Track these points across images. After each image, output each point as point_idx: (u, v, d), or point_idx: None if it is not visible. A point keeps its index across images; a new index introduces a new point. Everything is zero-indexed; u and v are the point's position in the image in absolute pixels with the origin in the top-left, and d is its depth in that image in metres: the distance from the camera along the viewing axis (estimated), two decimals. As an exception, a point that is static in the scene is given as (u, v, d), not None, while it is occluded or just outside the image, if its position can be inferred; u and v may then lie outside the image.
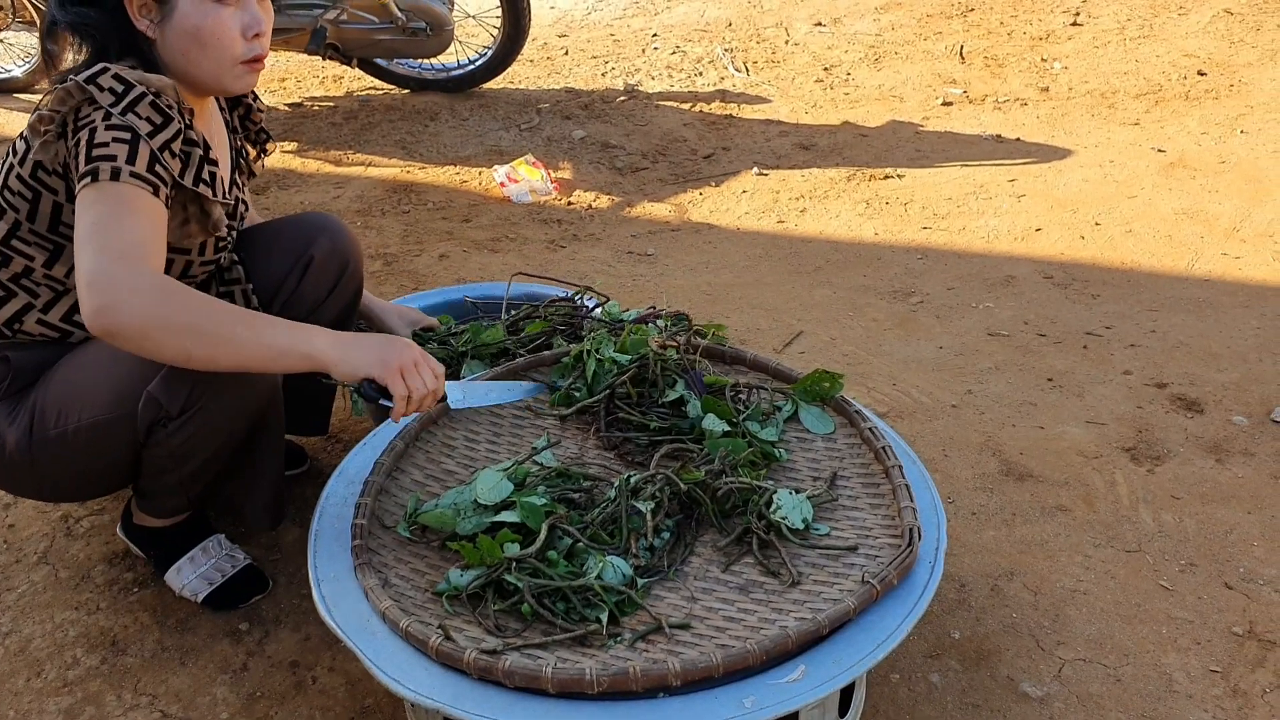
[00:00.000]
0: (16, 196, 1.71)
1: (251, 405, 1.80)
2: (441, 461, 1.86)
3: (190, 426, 1.74)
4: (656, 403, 1.92)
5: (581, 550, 1.61)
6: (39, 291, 1.77)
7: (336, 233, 2.08)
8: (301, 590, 2.04)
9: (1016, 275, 3.33)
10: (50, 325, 1.78)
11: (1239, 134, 4.30)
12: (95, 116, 1.60)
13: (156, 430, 1.75)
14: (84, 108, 1.61)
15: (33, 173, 1.69)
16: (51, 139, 1.63)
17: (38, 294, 1.77)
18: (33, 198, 1.70)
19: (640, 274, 3.37)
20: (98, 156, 1.56)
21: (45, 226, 1.72)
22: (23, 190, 1.70)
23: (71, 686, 1.86)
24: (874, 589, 1.49)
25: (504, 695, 1.39)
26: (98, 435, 1.74)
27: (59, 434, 1.74)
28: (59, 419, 1.74)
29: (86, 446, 1.76)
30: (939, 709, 1.80)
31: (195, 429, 1.75)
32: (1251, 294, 3.18)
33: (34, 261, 1.74)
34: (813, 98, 4.81)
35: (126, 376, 1.71)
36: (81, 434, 1.74)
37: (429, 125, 4.49)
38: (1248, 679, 1.86)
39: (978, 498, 2.31)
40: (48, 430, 1.75)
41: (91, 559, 2.13)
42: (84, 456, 1.78)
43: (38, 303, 1.77)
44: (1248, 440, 2.50)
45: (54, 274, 1.75)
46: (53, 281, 1.76)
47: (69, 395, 1.74)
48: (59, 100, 1.61)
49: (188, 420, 1.73)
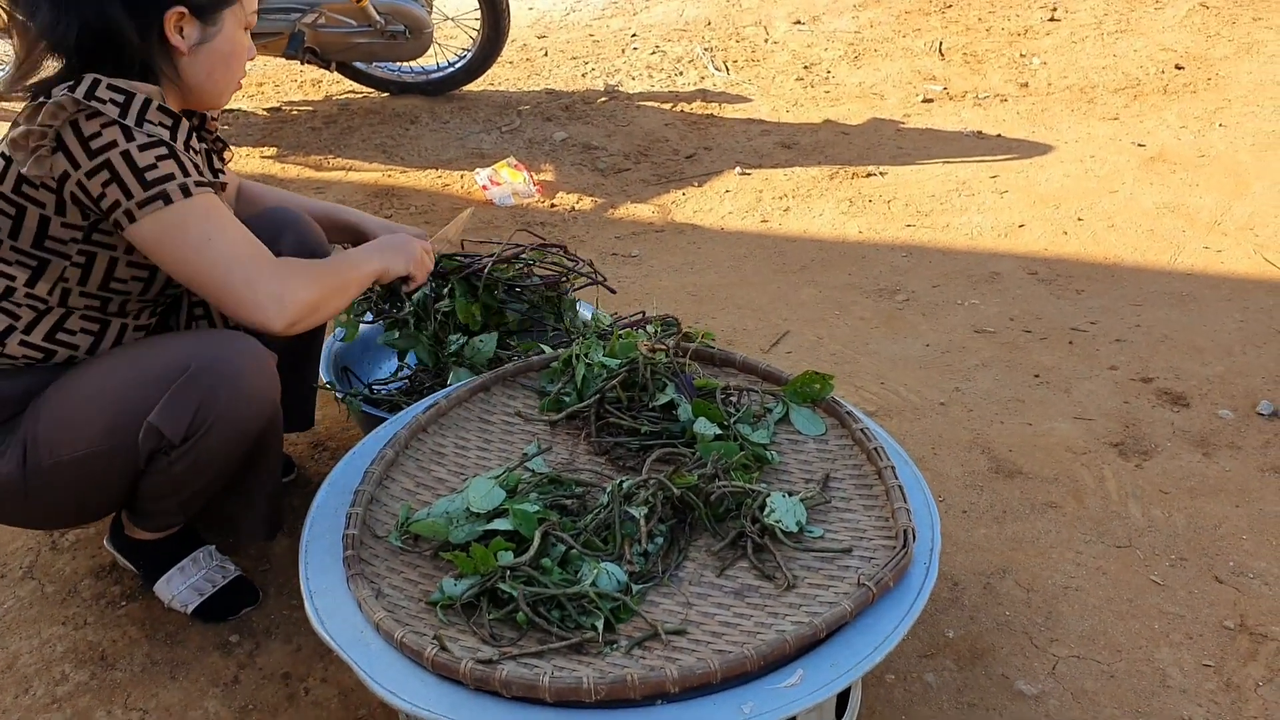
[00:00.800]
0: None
1: (255, 426, 1.78)
2: (432, 469, 1.85)
3: (194, 454, 1.73)
4: (647, 407, 1.91)
5: (575, 557, 1.60)
6: (20, 313, 1.73)
7: (300, 227, 2.07)
8: (292, 601, 2.02)
9: (1001, 271, 3.34)
10: (34, 346, 1.75)
11: (1218, 127, 4.32)
12: (113, 134, 1.60)
13: (158, 459, 1.73)
14: (85, 120, 1.59)
15: (16, 188, 1.66)
16: (46, 154, 1.61)
17: (19, 315, 1.73)
18: (16, 214, 1.68)
19: (625, 275, 3.36)
20: (155, 180, 1.61)
21: (29, 242, 1.69)
22: (4, 207, 1.68)
23: (60, 703, 1.84)
24: (870, 591, 1.49)
25: (501, 705, 1.38)
26: (94, 466, 1.72)
27: (53, 464, 1.71)
28: (54, 449, 1.71)
29: (83, 476, 1.73)
30: (935, 709, 1.80)
31: (198, 455, 1.73)
32: (1234, 287, 3.20)
33: (15, 281, 1.71)
34: (793, 96, 4.82)
35: (122, 406, 1.69)
36: (78, 464, 1.71)
37: (409, 129, 4.47)
38: (1240, 672, 1.86)
39: (968, 496, 2.31)
40: (41, 462, 1.71)
41: (78, 573, 2.11)
42: (79, 487, 1.75)
43: (19, 324, 1.73)
44: (1234, 434, 2.51)
45: (36, 292, 1.72)
46: (34, 300, 1.73)
47: (62, 426, 1.70)
48: (50, 115, 1.59)
49: (191, 448, 1.72)
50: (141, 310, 1.84)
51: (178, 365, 1.70)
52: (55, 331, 1.76)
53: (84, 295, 1.75)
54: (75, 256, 1.71)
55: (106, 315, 1.79)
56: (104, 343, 1.80)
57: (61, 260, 1.71)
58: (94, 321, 1.78)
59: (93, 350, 1.79)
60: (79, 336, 1.77)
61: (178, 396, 1.68)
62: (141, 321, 1.85)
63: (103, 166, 1.60)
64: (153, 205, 1.61)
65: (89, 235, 1.70)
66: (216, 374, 1.70)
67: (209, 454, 1.74)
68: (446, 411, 1.97)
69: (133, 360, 1.75)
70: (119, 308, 1.80)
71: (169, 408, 1.68)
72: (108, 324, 1.80)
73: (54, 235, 1.69)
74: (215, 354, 1.72)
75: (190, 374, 1.69)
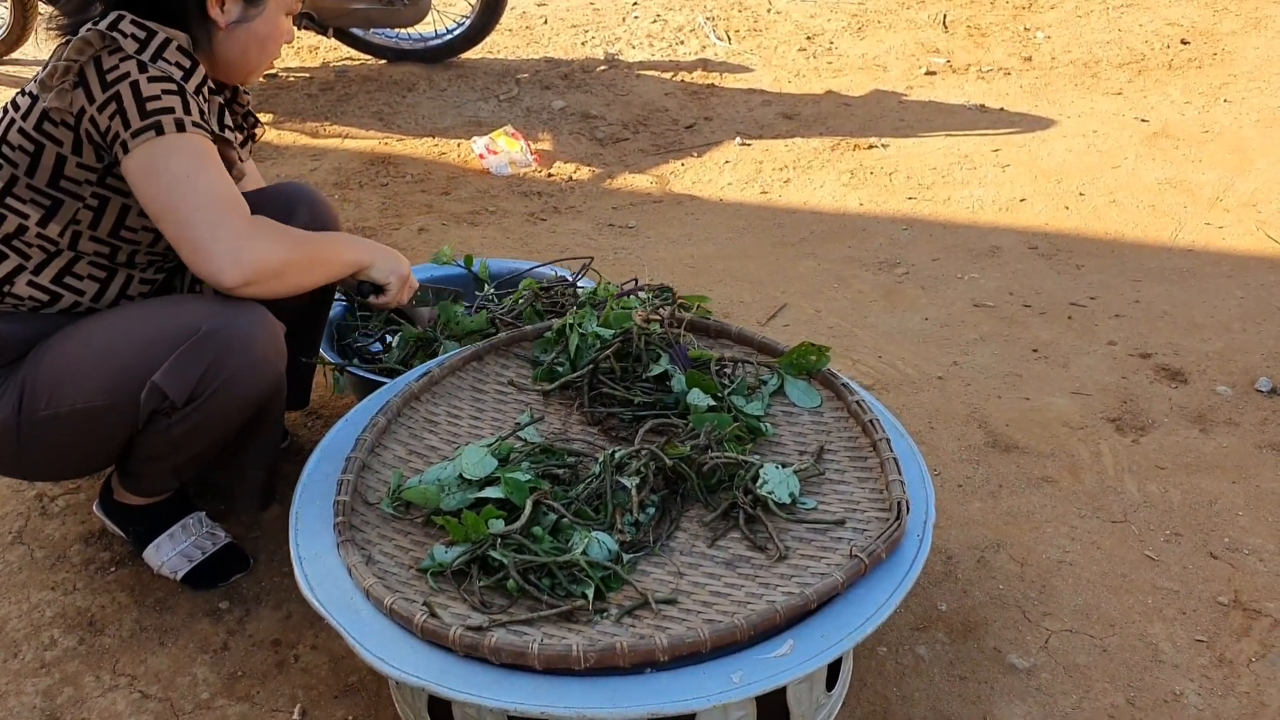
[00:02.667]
0: (16, 151, 1.69)
1: (259, 394, 1.77)
2: (424, 437, 1.84)
3: (195, 417, 1.71)
4: (640, 378, 1.89)
5: (566, 526, 1.59)
6: (30, 253, 1.73)
7: (314, 202, 2.06)
8: (283, 568, 2.02)
9: (1001, 246, 3.31)
10: (41, 288, 1.74)
11: (1222, 103, 4.29)
12: (128, 67, 1.61)
13: (158, 419, 1.71)
14: (106, 56, 1.61)
15: (38, 124, 1.67)
16: (68, 88, 1.62)
17: (29, 255, 1.73)
18: (34, 150, 1.68)
19: (622, 247, 3.34)
20: (154, 110, 1.59)
21: (45, 180, 1.69)
22: (24, 144, 1.68)
23: (49, 667, 1.84)
24: (862, 563, 1.48)
25: (490, 672, 1.38)
26: (91, 420, 1.70)
27: (50, 415, 1.70)
28: (50, 400, 1.69)
29: (78, 430, 1.72)
30: (926, 681, 1.79)
31: (199, 419, 1.72)
32: (1235, 264, 3.18)
33: (28, 220, 1.71)
34: (795, 66, 4.78)
35: (126, 362, 1.67)
36: (74, 417, 1.70)
37: (407, 96, 4.43)
38: (1233, 648, 1.86)
39: (964, 470, 2.30)
40: (38, 410, 1.70)
41: (67, 538, 2.10)
42: (73, 439, 1.74)
43: (29, 265, 1.73)
44: (1231, 410, 2.50)
45: (47, 233, 1.72)
46: (45, 241, 1.72)
47: (63, 376, 1.69)
48: (77, 50, 1.61)
49: (193, 411, 1.70)
50: (150, 264, 1.83)
51: (188, 326, 1.68)
52: (63, 275, 1.75)
53: (94, 240, 1.74)
54: (89, 199, 1.71)
55: (114, 264, 1.78)
56: (108, 292, 1.79)
57: (75, 202, 1.70)
58: (101, 269, 1.77)
59: (97, 299, 1.78)
60: (85, 283, 1.76)
61: (185, 358, 1.66)
62: (148, 276, 1.84)
63: (112, 99, 1.61)
64: (145, 135, 1.60)
65: (103, 178, 1.70)
66: (227, 338, 1.68)
67: (210, 419, 1.73)
68: (439, 380, 1.95)
69: (142, 317, 1.73)
70: (127, 258, 1.79)
71: (175, 369, 1.66)
72: (114, 273, 1.79)
73: (69, 175, 1.68)
74: (227, 319, 1.69)
75: (200, 336, 1.67)
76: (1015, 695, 1.77)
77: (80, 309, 1.78)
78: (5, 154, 1.70)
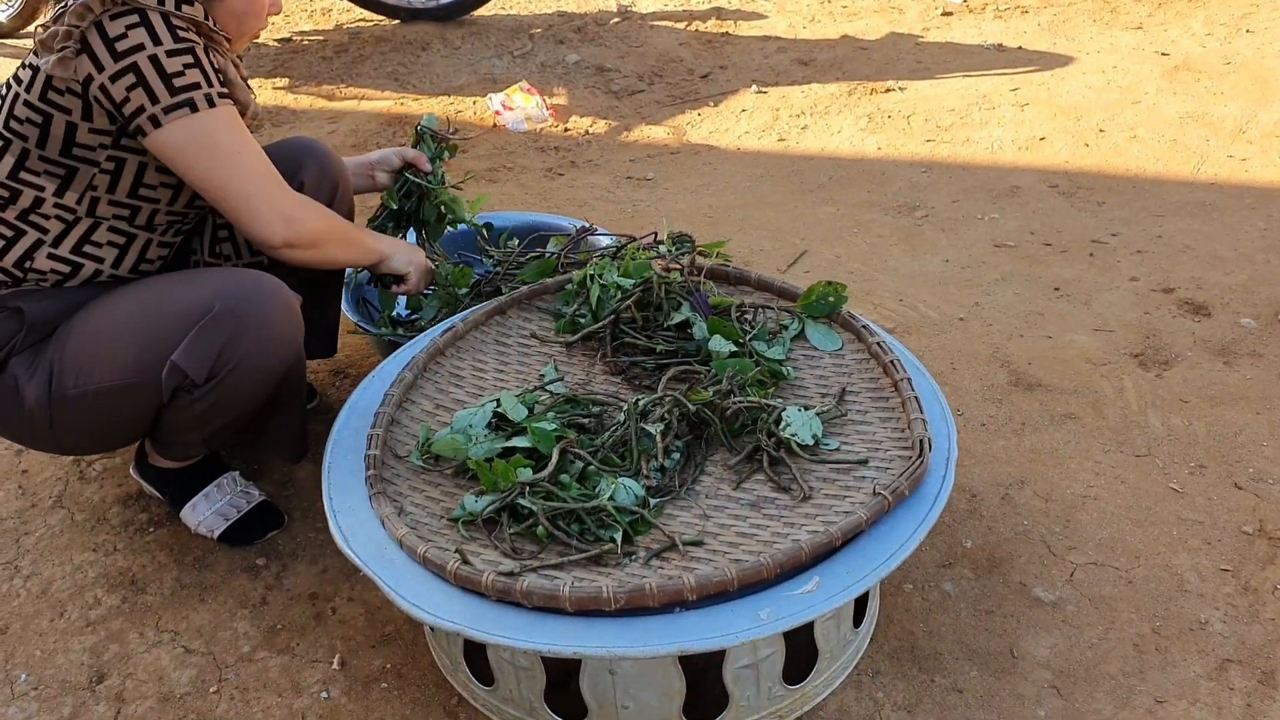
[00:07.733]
0: (25, 124, 1.70)
1: (278, 368, 1.80)
2: (450, 391, 1.86)
3: (216, 393, 1.74)
4: (662, 326, 1.91)
5: (593, 473, 1.61)
6: (48, 225, 1.74)
7: (323, 156, 2.08)
8: (316, 524, 2.06)
9: (1021, 185, 3.29)
10: (61, 259, 1.76)
11: (1245, 33, 4.22)
12: (140, 37, 1.62)
13: (181, 396, 1.74)
14: (109, 22, 1.61)
15: (43, 95, 1.67)
16: (70, 55, 1.63)
17: (47, 228, 1.74)
18: (43, 121, 1.69)
19: (640, 199, 3.34)
20: (182, 87, 1.65)
21: (57, 150, 1.70)
22: (31, 116, 1.69)
23: (94, 625, 1.89)
24: (886, 500, 1.50)
25: (523, 615, 1.41)
26: (118, 398, 1.74)
27: (78, 394, 1.73)
28: (79, 379, 1.72)
29: (106, 408, 1.75)
30: (953, 616, 1.82)
31: (221, 395, 1.75)
32: (1258, 196, 3.15)
33: (44, 191, 1.72)
34: (810, 12, 4.73)
35: (147, 341, 1.70)
36: (102, 395, 1.73)
37: (421, 55, 4.42)
38: (1258, 576, 1.87)
39: (987, 409, 2.31)
40: (66, 389, 1.73)
41: (106, 501, 2.14)
42: (103, 416, 1.77)
43: (48, 237, 1.75)
44: (1255, 341, 2.49)
45: (65, 202, 1.73)
46: (62, 211, 1.74)
47: (90, 355, 1.72)
48: (77, 16, 1.62)
49: (214, 388, 1.73)
50: (169, 226, 1.85)
51: (203, 303, 1.70)
52: (82, 244, 1.77)
53: (112, 204, 1.76)
54: (104, 163, 1.72)
55: (133, 228, 1.80)
56: (128, 257, 1.81)
57: (90, 167, 1.72)
58: (120, 234, 1.79)
59: (117, 265, 1.80)
60: (105, 249, 1.78)
61: (201, 337, 1.69)
62: (167, 238, 1.86)
63: (128, 70, 1.62)
64: (179, 112, 1.64)
65: (118, 140, 1.71)
66: (241, 316, 1.71)
67: (231, 394, 1.76)
68: (463, 335, 1.98)
69: (159, 295, 1.76)
70: (146, 220, 1.81)
71: (192, 348, 1.69)
72: (134, 237, 1.81)
73: (81, 142, 1.70)
74: (241, 295, 1.72)
75: (215, 314, 1.70)
76: (1041, 628, 1.79)
77: (102, 277, 1.80)
78: (14, 129, 1.71)
